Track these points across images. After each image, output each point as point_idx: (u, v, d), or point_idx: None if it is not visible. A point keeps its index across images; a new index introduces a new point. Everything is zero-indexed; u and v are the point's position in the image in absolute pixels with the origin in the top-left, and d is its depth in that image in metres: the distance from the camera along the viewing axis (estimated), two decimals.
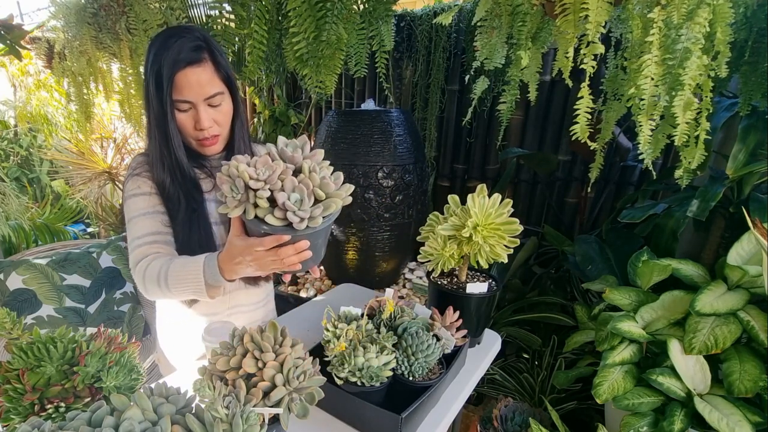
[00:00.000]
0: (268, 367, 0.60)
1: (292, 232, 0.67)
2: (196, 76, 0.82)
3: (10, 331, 0.60)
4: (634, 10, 0.73)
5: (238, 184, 0.66)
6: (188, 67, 0.81)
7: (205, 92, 0.84)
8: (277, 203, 0.65)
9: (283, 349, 0.63)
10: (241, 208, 0.67)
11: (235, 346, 0.65)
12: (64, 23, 1.25)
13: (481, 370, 0.95)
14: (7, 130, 2.83)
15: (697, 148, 0.77)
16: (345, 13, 1.03)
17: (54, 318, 1.37)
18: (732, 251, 1.04)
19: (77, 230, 2.62)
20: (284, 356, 0.62)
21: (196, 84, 0.82)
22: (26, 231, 1.93)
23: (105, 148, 2.46)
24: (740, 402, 0.96)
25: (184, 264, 0.81)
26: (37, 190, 2.86)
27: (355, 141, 1.72)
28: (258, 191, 0.65)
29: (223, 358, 0.64)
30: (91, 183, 2.32)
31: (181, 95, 0.83)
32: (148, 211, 0.89)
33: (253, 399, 0.57)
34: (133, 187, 0.90)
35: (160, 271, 0.82)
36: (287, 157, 0.69)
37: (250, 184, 0.65)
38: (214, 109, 0.87)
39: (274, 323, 0.69)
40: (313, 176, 0.68)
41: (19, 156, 2.84)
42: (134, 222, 0.89)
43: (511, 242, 0.90)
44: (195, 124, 0.86)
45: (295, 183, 0.66)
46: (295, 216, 0.65)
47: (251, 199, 0.66)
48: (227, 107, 0.89)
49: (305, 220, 0.65)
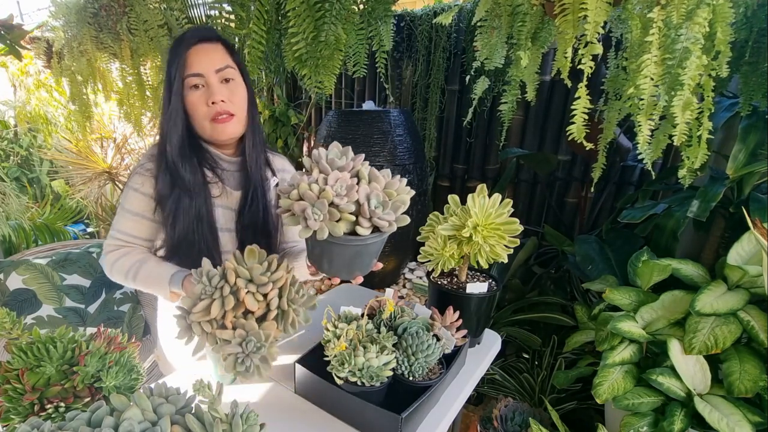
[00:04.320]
0: (271, 298, 0.61)
1: (378, 238, 0.66)
2: (206, 51, 0.86)
3: (10, 331, 0.60)
4: (634, 10, 0.73)
5: (319, 205, 0.63)
6: (200, 43, 0.86)
7: (215, 63, 0.86)
8: (361, 213, 0.64)
9: (277, 273, 0.64)
10: (326, 229, 0.63)
11: (215, 287, 0.63)
12: (64, 23, 1.25)
13: (481, 370, 0.95)
14: (7, 130, 2.83)
15: (700, 148, 0.77)
16: (344, 13, 1.03)
17: (54, 318, 1.37)
18: (732, 251, 1.04)
19: (77, 230, 2.62)
20: (283, 281, 0.63)
21: (205, 57, 0.86)
22: (26, 231, 1.93)
23: (105, 148, 2.46)
24: (740, 402, 0.96)
25: (150, 272, 0.86)
26: (37, 190, 2.86)
27: (355, 141, 1.72)
28: (341, 206, 0.63)
29: (214, 302, 0.62)
30: (91, 183, 2.32)
31: (191, 69, 0.85)
32: (141, 214, 0.91)
33: (271, 333, 0.60)
34: (137, 183, 0.90)
35: (130, 270, 0.87)
36: (340, 167, 0.67)
37: (334, 201, 0.63)
38: (227, 86, 0.88)
39: (252, 249, 0.68)
40: (379, 179, 0.67)
41: (19, 156, 2.84)
42: (124, 216, 0.91)
43: (511, 242, 0.90)
44: (207, 99, 0.86)
45: (367, 190, 0.65)
46: (382, 221, 0.63)
47: (335, 216, 0.63)
48: (241, 89, 0.90)
49: (393, 222, 0.65)
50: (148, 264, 0.87)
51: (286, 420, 0.75)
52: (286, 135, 2.61)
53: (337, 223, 0.63)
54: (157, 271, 0.86)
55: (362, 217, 0.63)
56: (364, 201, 0.64)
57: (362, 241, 0.65)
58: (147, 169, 0.90)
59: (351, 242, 0.65)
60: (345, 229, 0.64)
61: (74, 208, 2.58)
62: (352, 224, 0.64)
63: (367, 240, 0.65)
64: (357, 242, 0.65)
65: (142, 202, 0.90)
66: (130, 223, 0.91)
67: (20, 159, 2.86)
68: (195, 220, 0.88)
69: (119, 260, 0.89)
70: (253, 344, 0.62)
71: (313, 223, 0.62)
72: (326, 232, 0.63)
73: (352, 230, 0.65)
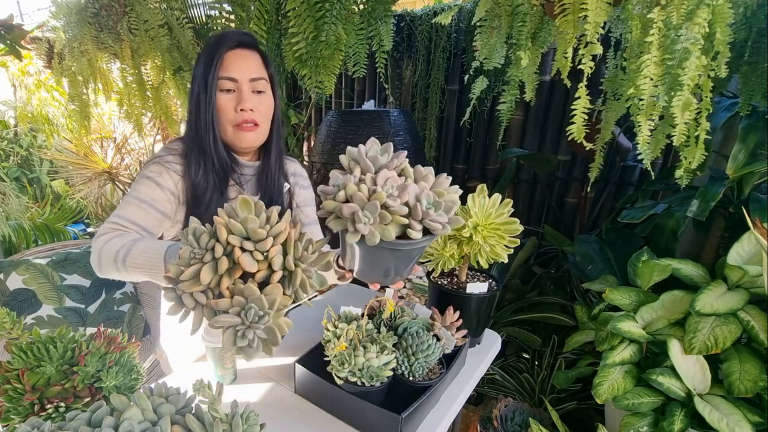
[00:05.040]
0: (272, 256, 0.52)
1: (428, 241, 0.61)
2: (244, 57, 0.87)
3: (10, 331, 0.60)
4: (634, 10, 0.73)
5: (370, 207, 0.57)
6: (239, 47, 0.86)
7: (251, 72, 0.86)
8: (412, 215, 0.59)
9: (279, 225, 0.53)
10: (377, 234, 0.58)
11: (206, 248, 0.53)
12: (64, 23, 1.25)
13: (481, 370, 0.95)
14: (7, 130, 2.83)
15: (698, 148, 0.77)
16: (344, 13, 1.03)
17: (54, 318, 1.37)
18: (732, 251, 1.04)
19: (77, 230, 2.62)
20: (285, 234, 0.53)
21: (243, 63, 0.86)
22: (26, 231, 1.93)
23: (105, 148, 2.46)
24: (740, 402, 0.96)
25: (143, 251, 0.74)
26: (37, 190, 2.87)
27: (355, 141, 1.70)
28: (394, 208, 0.57)
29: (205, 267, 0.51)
30: (91, 183, 2.32)
31: (227, 72, 0.85)
32: (149, 202, 0.84)
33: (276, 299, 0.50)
34: (154, 172, 0.85)
35: (120, 250, 0.75)
36: (383, 165, 0.62)
37: (387, 202, 0.57)
38: (257, 97, 0.88)
39: (245, 199, 0.56)
40: (428, 178, 0.62)
41: (19, 156, 2.84)
42: (129, 202, 0.84)
43: (511, 242, 0.90)
44: (236, 105, 0.86)
45: (417, 190, 0.60)
46: (435, 223, 0.59)
47: (386, 219, 0.58)
48: (269, 101, 0.91)
49: (446, 224, 0.60)
50: (142, 242, 0.76)
51: (286, 420, 0.75)
52: (286, 135, 2.61)
53: (387, 226, 0.58)
54: (151, 246, 0.74)
55: (414, 220, 0.59)
56: (415, 202, 0.59)
57: (413, 245, 0.61)
58: (166, 161, 0.87)
59: (399, 246, 0.61)
60: (396, 233, 0.59)
61: (74, 208, 2.58)
62: (402, 227, 0.60)
63: (419, 243, 0.61)
64: (407, 246, 0.61)
65: (154, 191, 0.85)
66: (135, 209, 0.83)
67: (20, 159, 2.86)
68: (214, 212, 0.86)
69: (110, 242, 0.77)
70: (254, 312, 0.51)
71: (362, 227, 0.57)
72: (377, 236, 0.58)
73: (402, 233, 0.60)
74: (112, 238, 0.78)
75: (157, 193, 0.84)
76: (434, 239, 0.64)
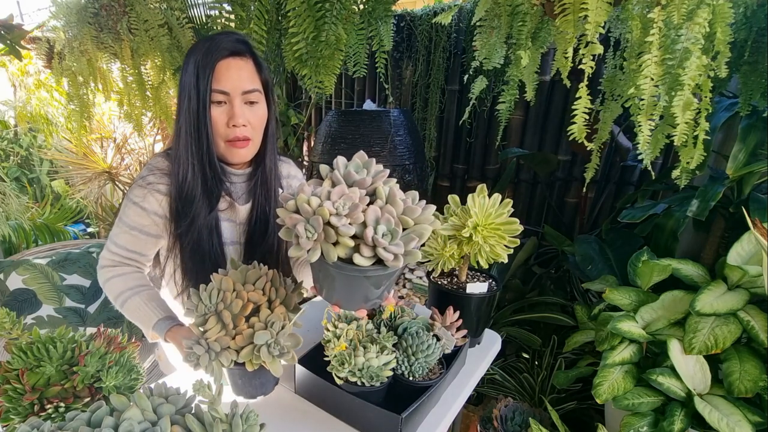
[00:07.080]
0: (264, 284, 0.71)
1: (381, 271, 0.56)
2: (237, 67, 0.82)
3: (10, 331, 0.60)
4: (634, 10, 0.73)
5: (314, 222, 0.54)
6: (231, 56, 0.82)
7: (243, 85, 0.82)
8: (363, 239, 0.54)
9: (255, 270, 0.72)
10: (319, 251, 0.55)
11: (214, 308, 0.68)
12: (64, 23, 1.25)
13: (481, 370, 0.95)
14: (7, 130, 2.83)
15: (696, 149, 0.77)
16: (344, 13, 1.03)
17: (54, 318, 1.37)
18: (732, 251, 1.04)
19: (77, 230, 2.62)
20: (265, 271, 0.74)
21: (236, 75, 0.81)
22: (26, 231, 1.94)
23: (105, 148, 2.46)
24: (740, 402, 0.96)
25: (138, 308, 0.87)
26: (37, 190, 2.86)
27: (355, 141, 1.72)
28: (340, 228, 0.53)
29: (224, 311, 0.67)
30: (91, 183, 2.32)
31: (219, 84, 0.80)
32: (139, 229, 0.88)
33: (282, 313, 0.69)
34: (138, 197, 0.87)
35: (120, 296, 0.88)
36: (356, 182, 0.58)
37: (331, 221, 0.54)
38: (250, 109, 0.84)
39: (233, 260, 0.76)
40: (397, 202, 0.57)
41: (19, 156, 2.84)
42: (122, 229, 0.89)
43: (511, 242, 0.90)
44: (228, 120, 0.83)
45: (378, 213, 0.55)
46: (387, 253, 0.54)
47: (331, 238, 0.55)
48: (262, 111, 0.87)
49: (399, 256, 0.55)
50: (139, 297, 0.87)
51: (286, 420, 0.75)
52: (286, 135, 2.61)
53: (334, 247, 0.55)
54: (144, 311, 0.86)
55: (363, 244, 0.55)
56: (371, 225, 0.55)
57: (360, 272, 0.56)
58: (149, 182, 0.86)
59: (347, 270, 0.56)
60: (342, 255, 0.55)
61: (74, 208, 2.58)
62: (352, 250, 0.56)
63: (367, 272, 0.56)
64: (354, 272, 0.56)
65: (141, 217, 0.87)
66: (127, 237, 0.89)
67: (20, 159, 2.86)
68: (206, 230, 0.87)
69: (112, 279, 0.89)
70: (278, 324, 0.67)
71: (305, 242, 0.54)
72: (318, 254, 0.55)
73: (350, 257, 0.56)
74: (113, 276, 0.89)
75: (144, 219, 0.87)
76: (391, 272, 0.58)
